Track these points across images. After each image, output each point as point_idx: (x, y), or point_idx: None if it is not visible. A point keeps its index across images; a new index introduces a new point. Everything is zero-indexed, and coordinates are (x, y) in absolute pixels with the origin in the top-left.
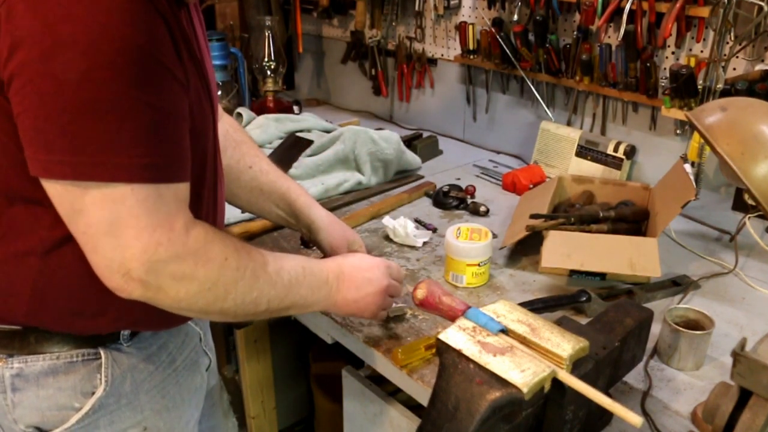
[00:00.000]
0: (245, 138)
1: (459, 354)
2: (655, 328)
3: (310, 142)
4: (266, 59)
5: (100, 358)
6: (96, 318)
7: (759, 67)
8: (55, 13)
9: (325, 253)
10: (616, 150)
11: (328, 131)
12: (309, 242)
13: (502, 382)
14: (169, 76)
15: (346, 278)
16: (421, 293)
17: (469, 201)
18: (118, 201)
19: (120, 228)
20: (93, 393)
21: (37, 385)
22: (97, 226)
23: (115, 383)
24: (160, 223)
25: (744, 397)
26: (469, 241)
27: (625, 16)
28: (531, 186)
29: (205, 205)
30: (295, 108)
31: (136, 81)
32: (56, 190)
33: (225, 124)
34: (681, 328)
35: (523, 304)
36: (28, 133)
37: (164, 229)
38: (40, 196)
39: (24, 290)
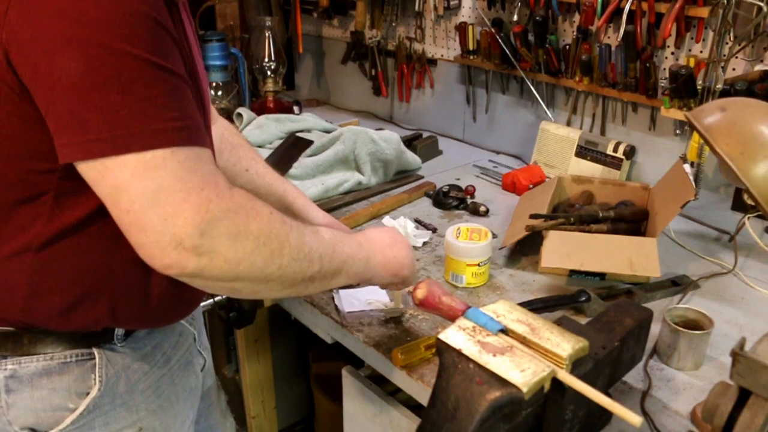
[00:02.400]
0: (241, 141)
1: (459, 354)
2: (655, 328)
3: (310, 143)
4: (266, 59)
5: (94, 358)
6: (90, 312)
7: (758, 67)
8: None
9: None
10: (615, 150)
11: (328, 131)
12: None
13: (502, 382)
14: (177, 48)
15: (376, 240)
16: (421, 293)
17: (469, 201)
18: (160, 167)
19: (166, 194)
20: (87, 393)
21: (31, 387)
22: (142, 200)
23: (110, 383)
24: (206, 181)
25: (743, 396)
26: (469, 241)
27: (624, 17)
28: (531, 186)
29: None
30: (295, 108)
31: (153, 50)
32: (95, 172)
33: (221, 127)
34: (680, 328)
35: (522, 304)
36: (61, 119)
37: (211, 187)
38: (38, 191)
39: (19, 287)
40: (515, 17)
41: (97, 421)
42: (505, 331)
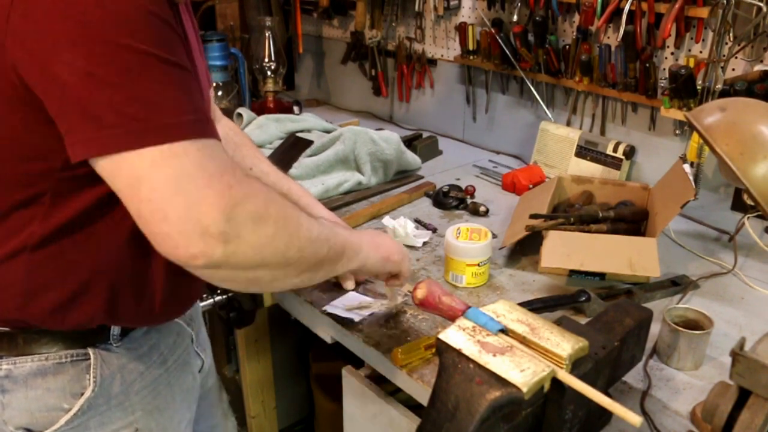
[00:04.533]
0: (245, 140)
1: (459, 354)
2: (655, 328)
3: (310, 143)
4: (266, 60)
5: (89, 358)
6: (85, 309)
7: (758, 67)
8: None
9: None
10: (615, 150)
11: (328, 131)
12: None
13: (502, 382)
14: (182, 43)
15: (362, 233)
16: (421, 293)
17: (469, 201)
18: (181, 155)
19: (188, 181)
20: (82, 394)
21: (25, 387)
22: (164, 188)
23: (105, 384)
24: (225, 168)
25: (743, 396)
26: (469, 241)
27: (624, 17)
28: (530, 186)
29: None
30: (295, 108)
31: (159, 44)
32: (112, 165)
33: (225, 127)
34: (680, 328)
35: (522, 304)
36: (73, 118)
37: (230, 173)
38: (36, 192)
39: (14, 286)
40: (515, 17)
41: (92, 422)
42: (505, 331)
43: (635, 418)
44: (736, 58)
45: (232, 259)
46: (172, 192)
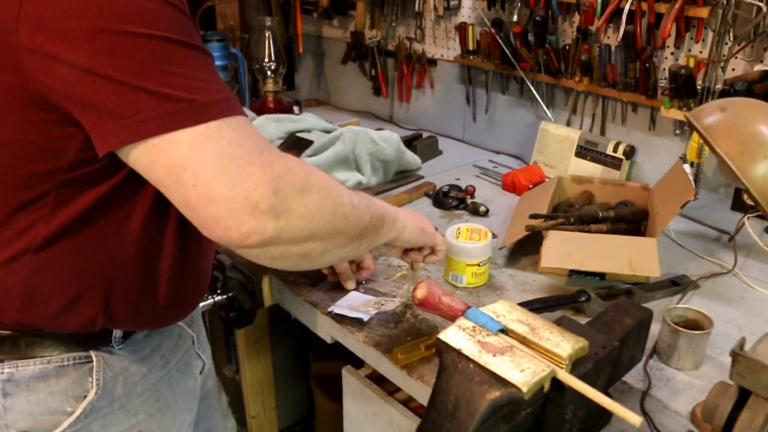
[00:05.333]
0: None
1: (459, 354)
2: (655, 328)
3: (310, 143)
4: (266, 60)
5: (92, 361)
6: (87, 311)
7: (758, 67)
8: None
9: None
10: (615, 150)
11: (328, 131)
12: None
13: (502, 382)
14: (196, 30)
15: (395, 207)
16: (421, 293)
17: (469, 201)
18: (217, 136)
19: (231, 160)
20: (85, 397)
21: (28, 390)
22: (207, 170)
23: (107, 386)
24: (261, 145)
25: (743, 396)
26: (469, 241)
27: (624, 17)
28: (530, 186)
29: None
30: (295, 108)
31: (177, 30)
32: (149, 155)
33: None
34: (680, 328)
35: (522, 304)
36: (103, 110)
37: (267, 148)
38: (40, 193)
39: (17, 289)
40: (515, 17)
41: (95, 425)
42: (505, 331)
43: (635, 418)
44: (736, 58)
45: (284, 233)
46: (216, 173)
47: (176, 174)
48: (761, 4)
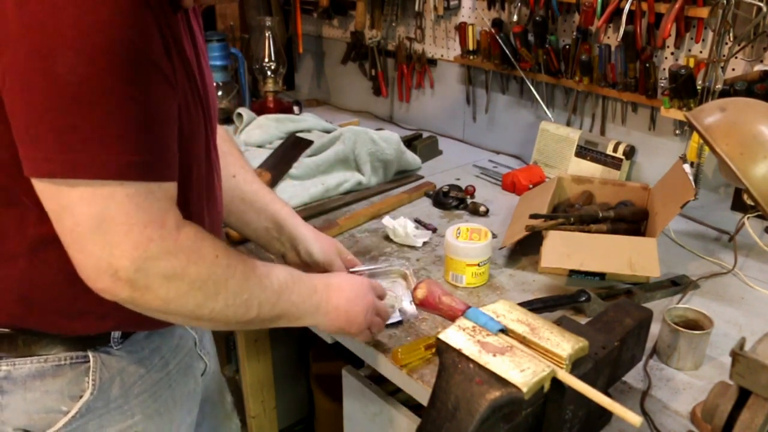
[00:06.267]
0: (233, 149)
1: (459, 354)
2: (655, 328)
3: (310, 143)
4: (266, 60)
5: (89, 361)
6: (83, 317)
7: (758, 67)
8: (43, 8)
9: (311, 265)
10: (615, 150)
11: (328, 131)
12: (287, 262)
13: (502, 382)
14: (158, 74)
15: (335, 289)
16: (421, 293)
17: (469, 201)
18: (108, 197)
19: (109, 224)
20: (81, 396)
21: (24, 388)
22: (86, 224)
23: (104, 387)
24: (152, 220)
25: (743, 396)
26: (469, 241)
27: (624, 17)
28: (530, 186)
29: (194, 215)
30: (296, 108)
31: (125, 77)
32: (45, 188)
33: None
34: (680, 328)
35: (522, 304)
36: (20, 132)
37: (155, 226)
38: (29, 198)
39: (11, 292)
40: (515, 17)
41: (91, 425)
42: (505, 331)
43: (635, 418)
44: (736, 58)
45: (137, 302)
46: (92, 230)
47: (61, 214)
48: (761, 4)
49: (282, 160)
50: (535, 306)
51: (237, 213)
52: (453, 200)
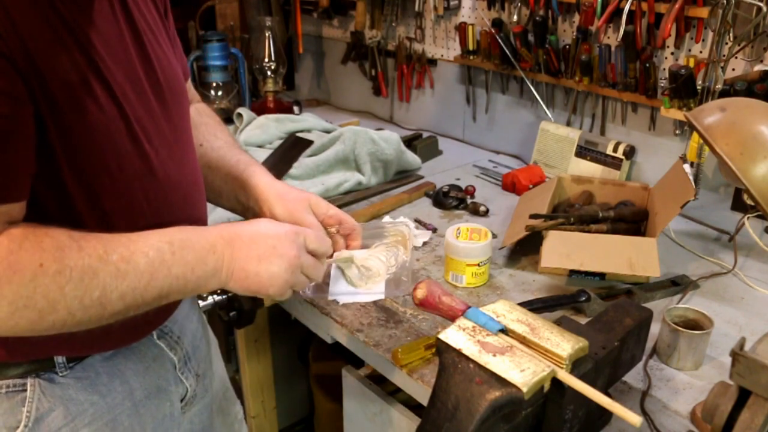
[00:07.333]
0: (207, 120)
1: (459, 354)
2: (655, 328)
3: (310, 143)
4: (266, 60)
5: (26, 389)
6: (12, 342)
7: (758, 67)
8: None
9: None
10: (615, 150)
11: (328, 131)
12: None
13: (502, 382)
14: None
15: (245, 246)
16: (421, 293)
17: (469, 201)
18: None
19: None
20: (16, 429)
21: None
22: None
23: (42, 418)
24: None
25: (743, 396)
26: (469, 241)
27: (624, 17)
28: (530, 186)
29: (122, 213)
30: (296, 108)
31: None
32: None
33: (193, 109)
34: (680, 328)
35: (522, 304)
36: None
37: None
38: None
39: None
40: (515, 17)
41: None
42: (505, 331)
43: (635, 418)
44: (736, 58)
45: None
46: None
47: None
48: (761, 4)
49: (282, 160)
50: (535, 306)
51: (209, 184)
52: (453, 200)
